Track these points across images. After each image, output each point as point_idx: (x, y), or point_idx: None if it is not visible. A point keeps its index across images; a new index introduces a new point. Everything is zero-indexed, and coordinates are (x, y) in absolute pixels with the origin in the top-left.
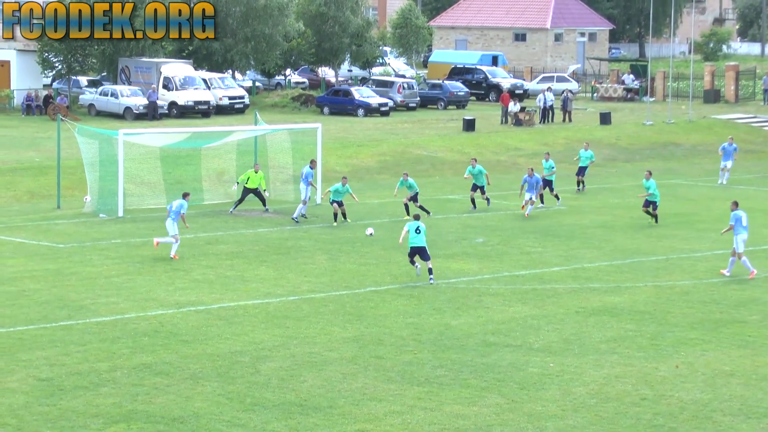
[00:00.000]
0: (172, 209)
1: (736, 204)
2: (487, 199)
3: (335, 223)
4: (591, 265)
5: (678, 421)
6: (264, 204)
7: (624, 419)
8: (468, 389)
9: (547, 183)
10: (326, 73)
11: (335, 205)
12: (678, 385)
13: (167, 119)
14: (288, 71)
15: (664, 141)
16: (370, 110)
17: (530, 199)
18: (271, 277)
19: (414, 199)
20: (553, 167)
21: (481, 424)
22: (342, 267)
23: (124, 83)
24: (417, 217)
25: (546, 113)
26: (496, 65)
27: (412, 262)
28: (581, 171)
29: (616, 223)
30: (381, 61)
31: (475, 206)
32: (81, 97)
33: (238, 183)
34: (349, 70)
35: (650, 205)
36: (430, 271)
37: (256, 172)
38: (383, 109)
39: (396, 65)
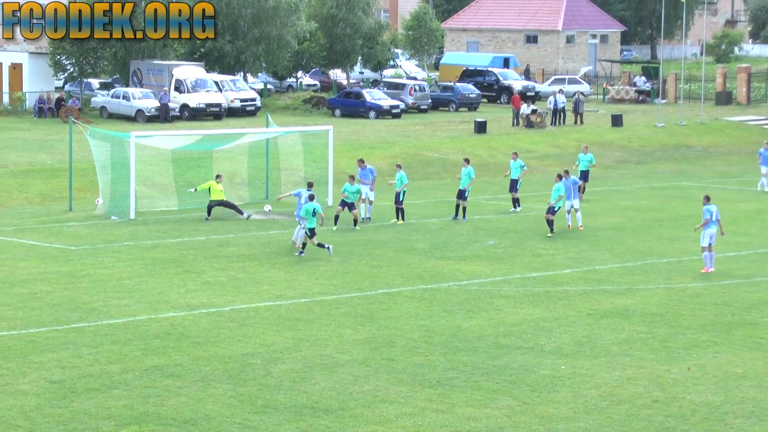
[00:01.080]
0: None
1: (707, 198)
2: (464, 210)
3: (335, 227)
4: (603, 267)
5: (690, 424)
6: (241, 212)
7: (636, 421)
8: (479, 391)
9: (513, 183)
10: (338, 75)
11: (339, 207)
12: (690, 388)
13: (179, 122)
14: (299, 73)
15: (676, 143)
16: (382, 112)
17: (572, 207)
18: (282, 279)
19: (398, 199)
20: (523, 167)
21: (492, 427)
22: (353, 269)
23: (135, 86)
24: (312, 197)
25: (557, 115)
26: (508, 67)
27: (304, 246)
28: (583, 176)
29: (627, 225)
30: (392, 63)
31: (457, 215)
32: (93, 99)
33: (195, 189)
34: (361, 73)
35: (552, 211)
36: (321, 245)
37: (218, 183)
38: (395, 111)
39: (407, 67)
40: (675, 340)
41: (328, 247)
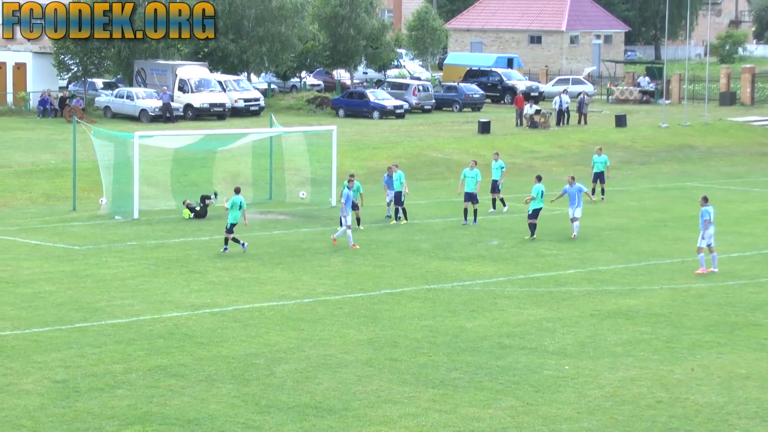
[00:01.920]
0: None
1: (705, 199)
2: (475, 213)
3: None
4: (606, 267)
5: (693, 424)
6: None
7: (639, 422)
8: (483, 392)
9: (494, 183)
10: (341, 75)
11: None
12: (693, 388)
13: (183, 121)
14: (303, 74)
15: (680, 143)
16: (386, 112)
17: (573, 216)
18: (286, 279)
19: (398, 199)
20: (503, 167)
21: (496, 427)
22: (357, 269)
23: (139, 85)
24: (238, 190)
25: (561, 115)
26: (512, 68)
27: (235, 239)
28: (597, 177)
29: (631, 226)
30: (396, 63)
31: (465, 219)
32: (96, 99)
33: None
34: (365, 73)
35: (531, 215)
36: (235, 241)
37: (186, 207)
38: (398, 111)
39: (411, 67)
40: (679, 340)
41: (245, 245)
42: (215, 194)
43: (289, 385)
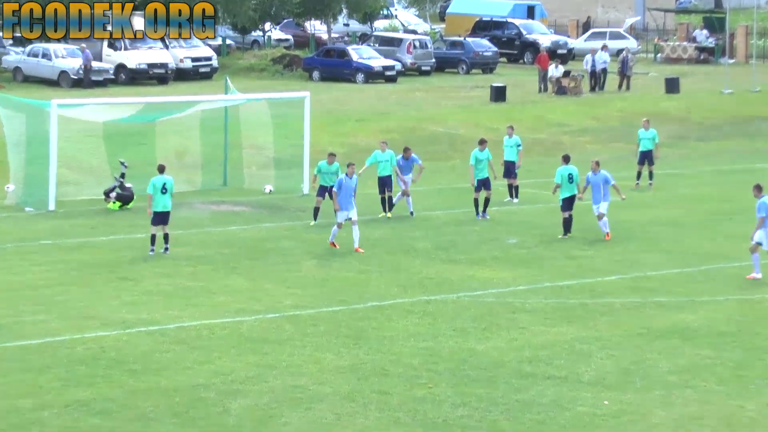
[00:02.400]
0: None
1: (759, 188)
2: (486, 202)
3: (312, 222)
4: (656, 273)
5: None
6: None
7: None
8: None
9: (510, 166)
10: (316, 28)
11: (318, 198)
12: None
13: (114, 86)
14: (267, 26)
15: (748, 114)
16: (372, 75)
17: (598, 212)
18: (244, 288)
19: (386, 184)
20: (519, 146)
21: None
22: (336, 275)
23: (58, 41)
24: (162, 169)
25: (596, 78)
26: (533, 18)
27: (155, 238)
28: (644, 157)
29: (687, 220)
30: (386, 12)
31: (478, 213)
32: (4, 58)
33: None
34: (346, 25)
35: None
36: (166, 238)
37: (111, 200)
38: (389, 73)
39: (405, 18)
40: (750, 367)
41: (153, 249)
42: (123, 164)
43: (247, 425)
